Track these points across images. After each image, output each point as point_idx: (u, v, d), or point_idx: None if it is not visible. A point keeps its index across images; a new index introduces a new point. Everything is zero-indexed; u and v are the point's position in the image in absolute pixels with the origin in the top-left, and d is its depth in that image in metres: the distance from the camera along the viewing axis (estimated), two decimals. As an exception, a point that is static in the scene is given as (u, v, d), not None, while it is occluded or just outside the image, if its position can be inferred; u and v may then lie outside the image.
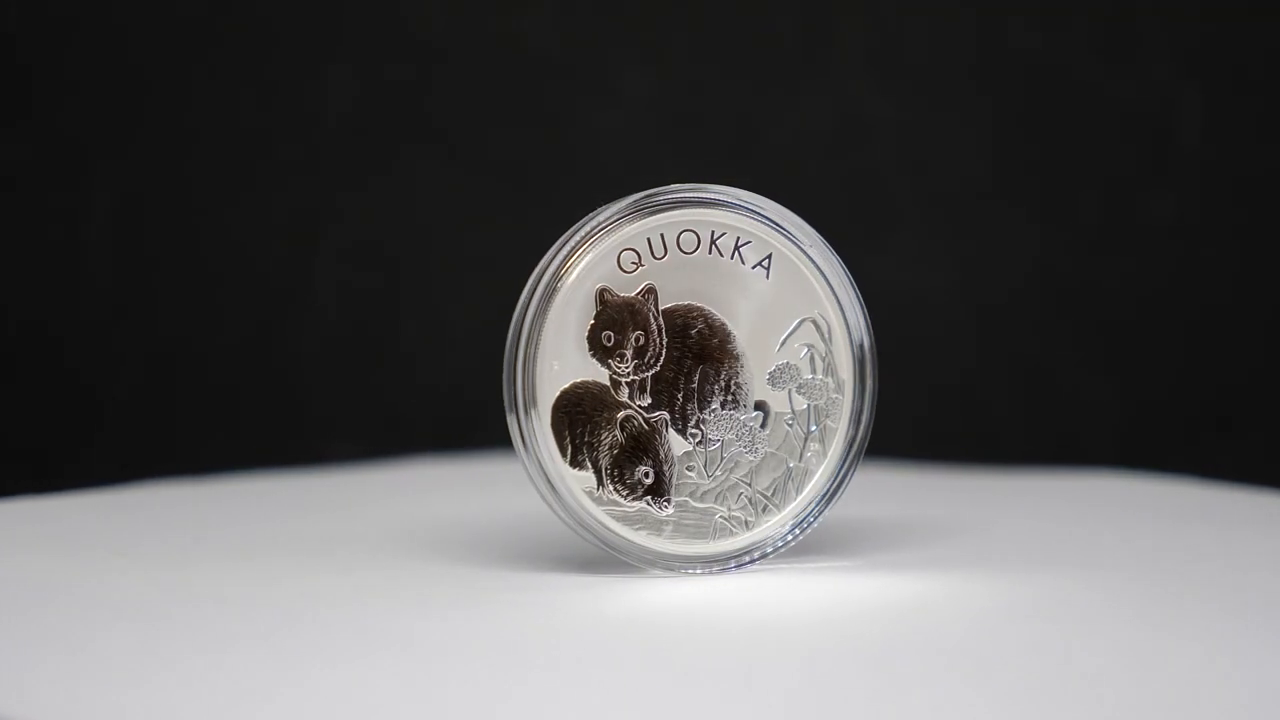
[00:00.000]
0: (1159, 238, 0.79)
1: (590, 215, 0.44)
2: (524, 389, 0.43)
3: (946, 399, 0.80)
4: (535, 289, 0.44)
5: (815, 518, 0.44)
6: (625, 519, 0.44)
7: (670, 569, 0.44)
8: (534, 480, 0.44)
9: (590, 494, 0.44)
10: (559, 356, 0.43)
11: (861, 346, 0.44)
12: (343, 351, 0.82)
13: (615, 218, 0.44)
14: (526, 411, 0.44)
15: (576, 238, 0.44)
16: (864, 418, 0.44)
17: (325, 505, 0.59)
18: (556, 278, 0.44)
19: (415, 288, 0.82)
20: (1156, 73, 0.79)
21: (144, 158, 0.81)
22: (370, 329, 0.82)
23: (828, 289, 0.44)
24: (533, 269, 0.44)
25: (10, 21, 0.80)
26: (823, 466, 0.44)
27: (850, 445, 0.44)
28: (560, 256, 0.44)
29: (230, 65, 0.81)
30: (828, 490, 0.44)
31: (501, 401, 0.44)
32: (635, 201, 0.44)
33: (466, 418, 0.81)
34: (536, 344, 0.43)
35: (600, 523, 0.44)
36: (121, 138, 0.81)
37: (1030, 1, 0.80)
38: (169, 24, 0.81)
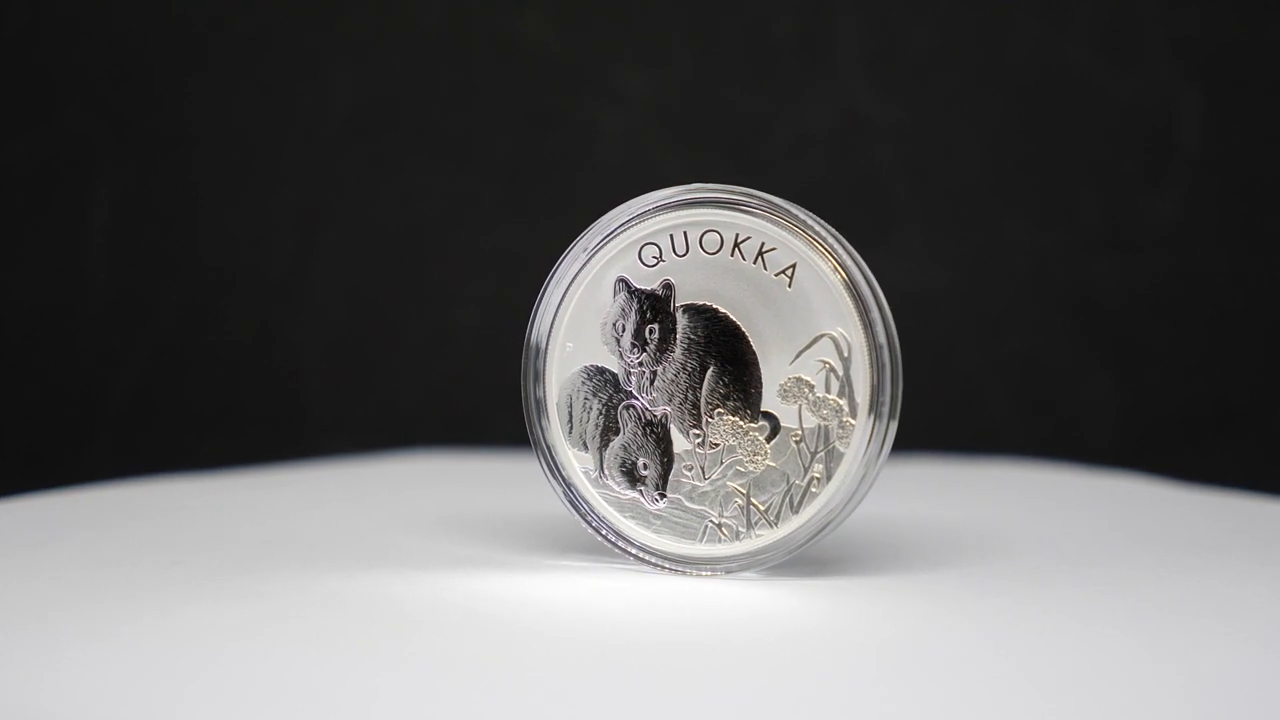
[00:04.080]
0: (1159, 238, 0.79)
1: (620, 207, 0.44)
2: (536, 366, 0.44)
3: (946, 398, 0.80)
4: (557, 274, 0.44)
5: (805, 544, 0.43)
6: (618, 505, 0.44)
7: (651, 564, 0.44)
8: (535, 454, 0.44)
9: (588, 475, 0.44)
10: (574, 339, 0.44)
11: (883, 372, 0.42)
12: (343, 351, 0.82)
13: (641, 211, 0.43)
14: (536, 386, 0.44)
15: (603, 226, 0.43)
16: (880, 450, 0.42)
17: (324, 501, 0.59)
18: (579, 265, 0.44)
19: (416, 288, 0.82)
20: (1157, 73, 0.79)
21: (144, 158, 0.81)
22: (370, 329, 0.82)
23: (856, 308, 0.42)
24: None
25: (18, 23, 0.80)
26: (825, 491, 0.42)
27: (859, 478, 0.42)
28: (585, 244, 0.44)
29: (231, 66, 0.81)
30: (825, 520, 0.42)
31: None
32: (662, 196, 0.43)
33: (466, 416, 0.81)
34: (553, 325, 0.44)
35: (590, 505, 0.44)
36: (122, 138, 0.81)
37: (1031, 2, 0.80)
38: (171, 26, 0.81)
